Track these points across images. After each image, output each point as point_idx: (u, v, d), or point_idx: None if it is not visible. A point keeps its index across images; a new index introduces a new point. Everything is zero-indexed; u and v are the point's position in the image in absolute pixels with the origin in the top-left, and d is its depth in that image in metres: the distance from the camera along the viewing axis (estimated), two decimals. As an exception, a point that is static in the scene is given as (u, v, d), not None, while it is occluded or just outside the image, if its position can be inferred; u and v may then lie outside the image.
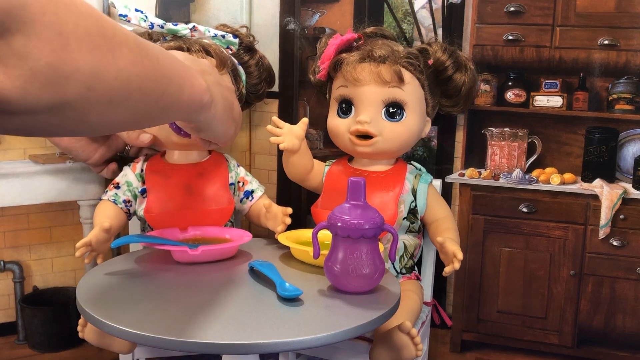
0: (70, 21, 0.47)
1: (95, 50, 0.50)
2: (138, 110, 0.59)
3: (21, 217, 1.27)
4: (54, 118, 0.50)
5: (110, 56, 0.52)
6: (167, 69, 0.62)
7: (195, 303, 0.80)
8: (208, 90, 0.73)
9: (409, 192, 1.12)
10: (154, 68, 0.59)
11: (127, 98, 0.55)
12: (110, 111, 0.54)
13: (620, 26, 1.14)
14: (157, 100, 0.61)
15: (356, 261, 0.82)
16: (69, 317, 1.30)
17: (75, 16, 0.48)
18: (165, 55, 0.63)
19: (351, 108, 1.10)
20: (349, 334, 0.74)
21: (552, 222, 1.22)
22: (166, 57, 0.62)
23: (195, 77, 0.70)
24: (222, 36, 1.15)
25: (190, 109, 0.71)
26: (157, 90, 0.60)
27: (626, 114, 1.15)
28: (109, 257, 1.02)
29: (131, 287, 0.87)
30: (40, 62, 0.45)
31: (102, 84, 0.51)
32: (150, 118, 0.64)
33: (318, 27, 1.34)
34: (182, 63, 0.67)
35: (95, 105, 0.52)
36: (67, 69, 0.47)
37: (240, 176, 1.17)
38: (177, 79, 0.64)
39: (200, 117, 0.75)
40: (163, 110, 0.63)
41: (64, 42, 0.47)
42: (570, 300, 1.23)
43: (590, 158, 1.18)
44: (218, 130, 0.83)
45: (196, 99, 0.70)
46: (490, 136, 1.24)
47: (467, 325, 1.32)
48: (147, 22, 1.09)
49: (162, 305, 0.80)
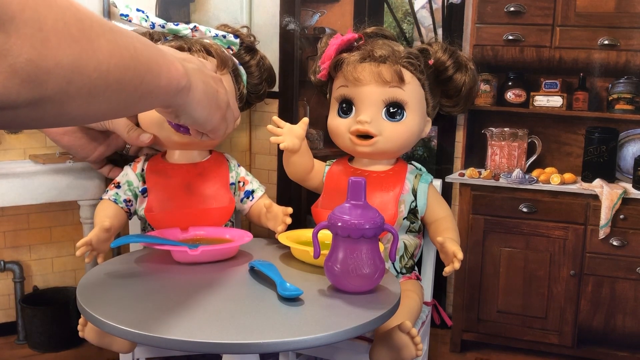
0: (50, 16, 0.48)
1: (74, 44, 0.50)
2: (117, 100, 0.59)
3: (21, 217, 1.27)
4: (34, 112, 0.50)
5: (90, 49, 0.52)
6: (145, 57, 0.62)
7: (195, 303, 0.80)
8: (185, 75, 0.73)
9: (409, 192, 1.12)
10: (132, 57, 0.59)
11: (106, 89, 0.56)
12: (89, 103, 0.55)
13: (620, 26, 1.14)
14: (136, 88, 0.62)
15: (356, 261, 0.82)
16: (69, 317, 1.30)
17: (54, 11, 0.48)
18: (142, 42, 0.63)
19: (352, 108, 1.10)
20: (349, 334, 0.74)
21: (552, 222, 1.22)
22: (144, 45, 0.63)
23: (173, 62, 0.70)
24: (223, 36, 1.15)
25: (168, 94, 0.71)
26: (136, 79, 0.61)
27: (626, 114, 1.15)
28: (109, 256, 1.02)
29: (131, 287, 0.87)
30: (20, 59, 0.45)
31: (81, 77, 0.52)
32: (130, 106, 0.64)
33: (318, 27, 1.34)
34: (159, 49, 0.68)
35: (75, 98, 0.53)
36: (47, 65, 0.48)
37: (241, 176, 1.17)
38: (154, 66, 0.65)
39: (177, 101, 0.75)
40: (142, 97, 0.64)
41: (44, 38, 0.47)
42: (570, 300, 1.23)
43: (590, 158, 1.18)
44: (198, 115, 0.81)
45: (173, 83, 0.70)
46: (490, 136, 1.24)
47: (467, 325, 1.32)
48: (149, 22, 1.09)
49: (162, 305, 0.80)
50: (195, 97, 0.78)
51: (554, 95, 1.19)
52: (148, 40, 0.66)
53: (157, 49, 0.67)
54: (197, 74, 0.78)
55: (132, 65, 0.59)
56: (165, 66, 0.68)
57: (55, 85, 0.49)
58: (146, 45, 0.64)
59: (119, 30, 0.58)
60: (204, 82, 0.80)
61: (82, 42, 0.51)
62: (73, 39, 0.50)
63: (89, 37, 0.52)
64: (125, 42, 0.58)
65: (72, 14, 0.51)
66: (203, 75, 0.80)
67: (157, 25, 1.09)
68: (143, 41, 0.64)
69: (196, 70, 0.78)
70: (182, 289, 0.88)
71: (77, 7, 0.52)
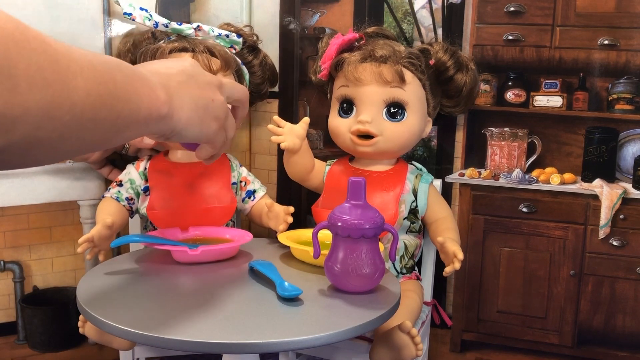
0: (22, 60, 0.45)
1: (47, 89, 0.47)
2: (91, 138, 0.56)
3: (21, 217, 1.27)
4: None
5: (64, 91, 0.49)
6: (124, 89, 0.58)
7: (195, 303, 0.80)
8: (167, 102, 0.67)
9: (410, 192, 1.12)
10: (110, 93, 0.55)
11: (79, 130, 0.53)
12: (60, 144, 0.52)
13: (620, 26, 1.14)
14: (112, 124, 0.58)
15: (356, 261, 0.82)
16: (69, 317, 1.30)
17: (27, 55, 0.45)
18: (123, 72, 0.59)
19: (352, 108, 1.10)
20: (349, 334, 0.74)
21: (552, 222, 1.22)
22: (124, 76, 0.59)
23: (154, 89, 0.65)
24: (226, 35, 1.14)
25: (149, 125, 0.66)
26: (112, 116, 0.57)
27: (626, 114, 1.15)
28: (110, 256, 1.02)
29: (131, 287, 0.87)
30: None
31: (52, 121, 0.49)
32: (106, 142, 0.60)
33: (318, 27, 1.34)
34: (141, 76, 0.63)
35: (44, 142, 0.50)
36: (15, 113, 0.45)
37: (243, 176, 1.17)
38: (134, 98, 0.61)
39: (161, 128, 0.69)
40: (119, 132, 0.60)
41: (13, 84, 0.44)
42: (570, 300, 1.23)
43: (590, 158, 1.18)
44: (190, 134, 0.74)
45: (153, 114, 0.65)
46: (490, 136, 1.24)
47: (467, 325, 1.32)
48: (152, 21, 1.09)
49: (162, 305, 0.80)
50: (182, 119, 0.71)
51: (554, 95, 1.19)
52: (129, 67, 0.62)
53: (138, 76, 0.63)
54: (185, 89, 0.72)
55: (109, 102, 0.55)
56: (146, 96, 0.63)
57: (23, 132, 0.46)
58: (127, 75, 0.60)
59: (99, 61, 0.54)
60: (193, 98, 0.73)
61: (55, 86, 0.48)
62: (46, 83, 0.47)
63: (65, 79, 0.49)
64: (104, 77, 0.55)
65: (48, 56, 0.47)
66: (193, 88, 0.73)
67: (161, 25, 1.09)
68: (125, 70, 0.60)
69: (184, 84, 0.72)
70: (182, 288, 0.88)
71: (54, 47, 0.48)
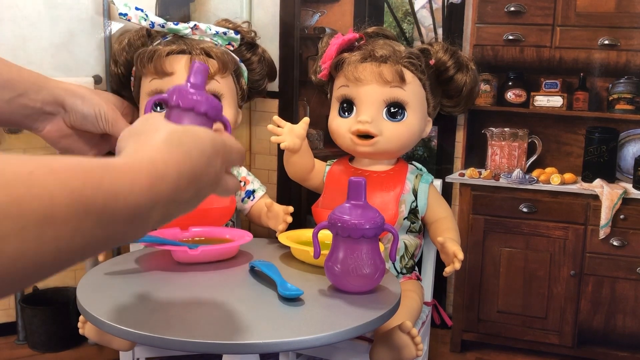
0: None
1: None
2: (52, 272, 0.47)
3: (21, 217, 1.27)
4: None
5: (31, 245, 0.41)
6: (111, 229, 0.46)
7: (195, 303, 0.80)
8: None
9: (410, 192, 1.12)
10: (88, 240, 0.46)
11: (39, 277, 0.46)
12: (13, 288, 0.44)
13: (620, 26, 1.13)
14: (82, 257, 0.48)
15: (357, 261, 0.82)
16: (69, 317, 1.30)
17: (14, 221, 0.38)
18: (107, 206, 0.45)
19: (352, 108, 1.10)
20: (349, 334, 0.74)
21: (552, 222, 1.22)
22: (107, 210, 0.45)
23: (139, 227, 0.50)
24: (223, 33, 1.14)
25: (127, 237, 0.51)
26: (86, 255, 0.47)
27: (626, 114, 1.15)
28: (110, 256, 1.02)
29: (131, 287, 0.87)
30: None
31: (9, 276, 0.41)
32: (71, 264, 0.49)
33: (318, 27, 1.34)
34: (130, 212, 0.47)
35: None
36: None
37: (242, 176, 1.17)
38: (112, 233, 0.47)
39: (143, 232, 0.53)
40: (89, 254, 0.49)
41: None
42: (570, 300, 1.23)
43: (590, 158, 1.18)
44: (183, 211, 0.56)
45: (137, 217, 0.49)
46: (490, 136, 1.24)
47: (467, 325, 1.32)
48: (148, 21, 1.08)
49: (162, 305, 0.80)
50: (165, 221, 0.54)
51: (554, 95, 1.19)
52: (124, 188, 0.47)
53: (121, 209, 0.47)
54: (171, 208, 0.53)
55: (80, 250, 0.47)
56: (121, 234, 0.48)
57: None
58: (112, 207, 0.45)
59: (85, 200, 0.43)
60: (178, 208, 0.54)
61: (17, 238, 0.39)
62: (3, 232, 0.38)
63: (34, 228, 0.40)
64: (80, 222, 0.44)
65: (13, 199, 0.38)
66: (177, 205, 0.53)
67: (157, 25, 1.09)
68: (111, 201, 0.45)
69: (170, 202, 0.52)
70: (182, 288, 0.87)
71: (25, 187, 0.39)
